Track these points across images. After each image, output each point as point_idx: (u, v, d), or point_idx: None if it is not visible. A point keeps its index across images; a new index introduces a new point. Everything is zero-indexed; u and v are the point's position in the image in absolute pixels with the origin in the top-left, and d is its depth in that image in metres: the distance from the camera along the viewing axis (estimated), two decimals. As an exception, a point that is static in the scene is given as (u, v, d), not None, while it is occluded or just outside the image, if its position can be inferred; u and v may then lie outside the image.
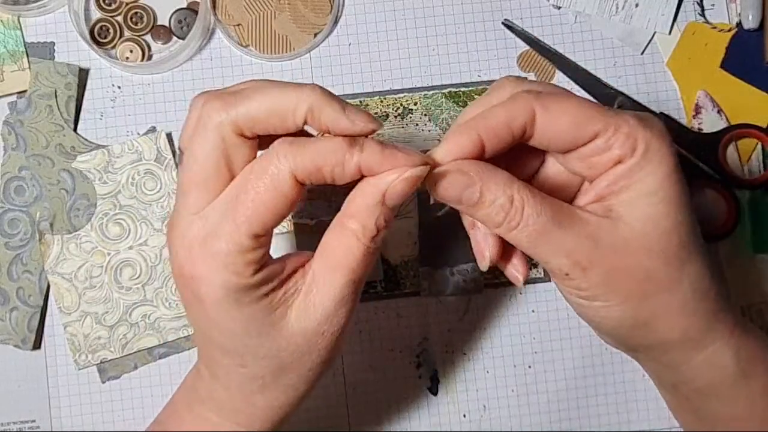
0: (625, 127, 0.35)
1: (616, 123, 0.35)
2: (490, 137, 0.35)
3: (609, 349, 0.55)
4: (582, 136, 0.35)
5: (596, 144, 0.35)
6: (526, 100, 0.35)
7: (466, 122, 0.36)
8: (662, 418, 0.55)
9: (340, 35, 0.56)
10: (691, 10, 0.57)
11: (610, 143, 0.35)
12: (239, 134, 0.34)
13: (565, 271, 0.36)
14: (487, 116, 0.35)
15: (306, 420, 0.54)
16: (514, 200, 0.35)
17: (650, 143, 0.35)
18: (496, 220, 0.35)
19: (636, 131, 0.35)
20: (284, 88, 0.34)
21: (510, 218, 0.35)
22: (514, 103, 0.35)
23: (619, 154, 0.35)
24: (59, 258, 0.54)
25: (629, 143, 0.35)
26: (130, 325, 0.54)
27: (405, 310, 0.55)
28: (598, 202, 0.37)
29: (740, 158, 0.56)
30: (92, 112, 0.55)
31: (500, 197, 0.35)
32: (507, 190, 0.35)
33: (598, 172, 0.36)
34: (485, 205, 0.35)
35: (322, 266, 0.36)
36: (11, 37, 0.55)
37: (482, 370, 0.55)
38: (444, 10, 0.57)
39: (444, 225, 0.55)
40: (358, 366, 0.55)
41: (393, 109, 0.56)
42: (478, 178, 0.35)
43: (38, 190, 0.54)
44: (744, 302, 0.55)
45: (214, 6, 0.56)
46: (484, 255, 0.39)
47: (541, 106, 0.35)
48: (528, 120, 0.35)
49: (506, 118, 0.35)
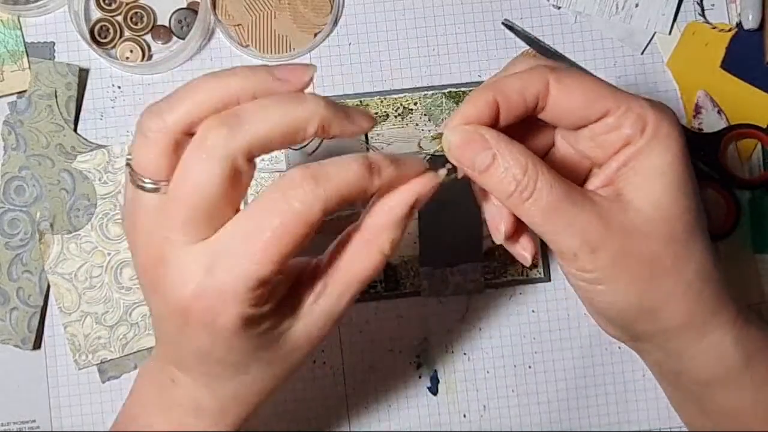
0: (636, 107, 0.36)
1: (627, 103, 0.36)
2: (504, 102, 0.35)
3: (609, 349, 0.55)
4: (593, 112, 0.36)
5: (607, 122, 0.36)
6: (541, 71, 0.36)
7: (482, 86, 0.36)
8: (662, 418, 0.55)
9: (340, 35, 0.56)
10: (691, 10, 0.57)
11: (621, 122, 0.36)
12: (249, 159, 0.33)
13: (573, 250, 0.36)
14: (503, 83, 0.36)
15: (306, 420, 0.54)
16: (528, 170, 0.35)
17: (660, 126, 0.36)
18: (508, 189, 0.35)
19: (647, 113, 0.36)
20: (289, 104, 0.33)
21: (522, 188, 0.35)
22: (530, 73, 0.36)
23: (628, 134, 0.36)
24: (59, 258, 0.54)
25: (639, 123, 0.36)
26: (130, 325, 0.54)
27: (405, 310, 0.55)
28: (607, 186, 0.37)
29: (740, 158, 0.56)
30: (92, 112, 0.55)
31: (514, 166, 0.35)
32: (521, 159, 0.35)
33: (607, 153, 0.37)
34: (498, 171, 0.35)
35: (337, 278, 0.35)
36: (11, 37, 0.55)
37: (482, 370, 0.55)
38: (444, 10, 0.57)
39: (444, 225, 0.55)
40: (358, 366, 0.55)
41: (393, 109, 0.56)
42: (494, 143, 0.35)
43: (38, 190, 0.54)
44: (744, 302, 0.55)
45: (214, 6, 0.56)
46: (498, 228, 0.38)
47: (555, 78, 0.36)
48: (542, 90, 0.36)
49: (521, 86, 0.35)
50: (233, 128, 0.32)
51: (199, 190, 0.32)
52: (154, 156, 0.33)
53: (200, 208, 0.32)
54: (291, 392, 0.54)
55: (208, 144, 0.32)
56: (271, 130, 0.32)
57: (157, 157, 0.33)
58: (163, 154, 0.33)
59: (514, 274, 0.56)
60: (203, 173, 0.32)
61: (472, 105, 0.36)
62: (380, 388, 0.55)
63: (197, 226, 0.33)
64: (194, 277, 0.32)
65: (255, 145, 0.32)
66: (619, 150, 0.37)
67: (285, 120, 0.33)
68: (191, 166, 0.32)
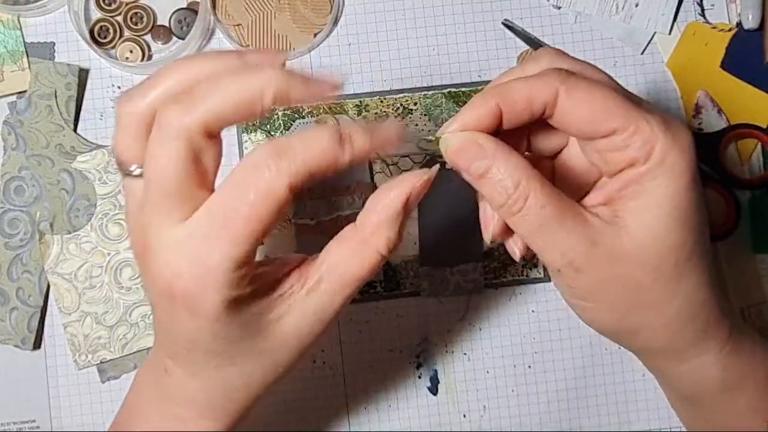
0: (646, 130, 0.34)
1: (637, 124, 0.34)
2: (508, 110, 0.35)
3: (609, 349, 0.55)
4: (600, 129, 0.35)
5: (613, 140, 0.35)
6: (552, 79, 0.34)
7: (487, 90, 0.35)
8: (662, 418, 0.55)
9: (340, 35, 0.56)
10: (691, 10, 0.57)
11: (627, 143, 0.34)
12: (207, 135, 0.33)
13: (558, 267, 0.36)
14: (509, 88, 0.35)
15: (306, 420, 0.54)
16: (519, 186, 0.34)
17: (668, 154, 0.34)
18: (498, 200, 0.35)
19: (656, 138, 0.34)
20: (242, 76, 0.33)
21: (512, 203, 0.35)
22: (539, 80, 0.35)
23: (633, 157, 0.34)
24: (59, 258, 0.54)
25: (646, 148, 0.34)
26: (130, 325, 0.54)
27: (405, 310, 0.55)
28: (606, 205, 0.36)
29: (740, 158, 0.56)
30: (92, 112, 0.55)
31: (507, 179, 0.34)
32: (515, 174, 0.34)
33: (612, 169, 0.36)
34: (491, 181, 0.35)
35: (332, 275, 0.35)
36: (11, 37, 0.55)
37: (482, 370, 0.55)
38: (444, 10, 0.57)
39: (444, 225, 0.55)
40: (358, 366, 0.55)
41: (393, 109, 0.56)
42: (490, 153, 0.34)
43: (38, 190, 0.54)
44: (744, 302, 0.55)
45: (214, 6, 0.56)
46: (488, 229, 0.38)
47: (565, 90, 0.34)
48: (549, 100, 0.34)
49: (528, 95, 0.34)
50: (186, 106, 0.32)
51: (162, 171, 0.32)
52: (131, 141, 0.34)
53: (168, 190, 0.32)
54: (291, 392, 0.54)
55: (163, 124, 0.32)
56: (225, 102, 0.32)
57: (133, 141, 0.34)
58: (137, 138, 0.34)
59: (514, 274, 0.56)
60: (163, 154, 0.32)
61: (472, 111, 0.35)
62: (380, 388, 0.55)
63: (170, 209, 0.33)
64: (173, 260, 0.33)
65: (210, 120, 0.32)
66: (623, 170, 0.35)
67: (239, 92, 0.32)
68: (152, 148, 0.33)
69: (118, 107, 0.34)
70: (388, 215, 0.34)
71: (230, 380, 0.37)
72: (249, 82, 0.32)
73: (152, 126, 0.33)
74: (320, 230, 0.54)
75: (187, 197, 0.33)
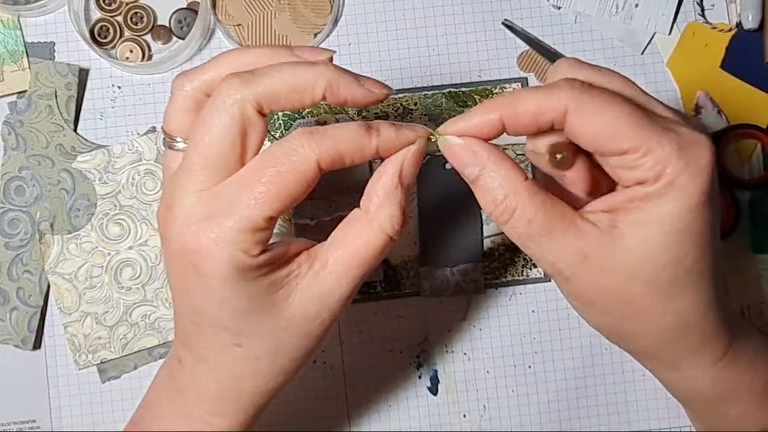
0: (657, 152, 0.33)
1: (648, 145, 0.33)
2: (512, 122, 0.35)
3: (609, 349, 0.55)
4: (610, 149, 0.34)
5: (623, 159, 0.34)
6: (563, 94, 0.34)
7: (493, 100, 0.35)
8: (662, 418, 0.55)
9: (340, 35, 0.56)
10: (691, 10, 0.57)
11: (637, 164, 0.33)
12: (259, 111, 0.35)
13: (549, 272, 0.37)
14: (516, 101, 0.35)
15: (306, 420, 0.54)
16: (507, 198, 0.35)
17: (678, 177, 0.33)
18: (487, 208, 0.36)
19: (667, 161, 0.33)
20: (299, 65, 0.35)
21: (499, 213, 0.35)
22: (549, 94, 0.34)
23: (641, 178, 0.34)
24: (59, 258, 0.54)
25: (655, 171, 0.33)
26: (130, 325, 0.54)
27: (405, 310, 0.55)
28: (607, 213, 0.36)
29: (740, 159, 0.56)
30: (92, 112, 0.55)
31: (497, 189, 0.35)
32: (504, 185, 0.35)
33: (623, 183, 0.35)
34: (482, 187, 0.36)
35: (339, 257, 0.36)
36: (11, 37, 0.55)
37: (482, 370, 0.55)
38: (444, 10, 0.57)
39: (444, 225, 0.55)
40: (358, 366, 0.55)
41: (393, 109, 0.56)
42: (483, 162, 0.35)
43: (38, 190, 0.54)
44: (744, 302, 0.55)
45: (214, 6, 0.56)
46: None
47: (575, 106, 0.34)
48: (558, 116, 0.34)
49: (535, 109, 0.34)
50: (245, 79, 0.34)
51: (210, 136, 0.34)
52: (181, 113, 0.37)
53: (210, 154, 0.34)
54: (291, 392, 0.54)
55: (222, 92, 0.34)
56: (280, 84, 0.34)
57: (183, 113, 0.37)
58: (187, 111, 0.37)
59: (514, 274, 0.56)
60: (215, 120, 0.34)
61: (473, 120, 0.35)
62: (380, 388, 0.55)
63: (206, 176, 0.34)
64: (192, 218, 0.34)
65: (263, 96, 0.34)
66: (631, 186, 0.35)
67: (294, 77, 0.34)
68: (205, 114, 0.35)
69: (174, 83, 0.37)
70: (386, 191, 0.35)
71: (237, 364, 0.37)
72: (305, 70, 0.35)
73: (203, 104, 0.36)
74: (320, 230, 0.54)
75: (224, 167, 0.34)
